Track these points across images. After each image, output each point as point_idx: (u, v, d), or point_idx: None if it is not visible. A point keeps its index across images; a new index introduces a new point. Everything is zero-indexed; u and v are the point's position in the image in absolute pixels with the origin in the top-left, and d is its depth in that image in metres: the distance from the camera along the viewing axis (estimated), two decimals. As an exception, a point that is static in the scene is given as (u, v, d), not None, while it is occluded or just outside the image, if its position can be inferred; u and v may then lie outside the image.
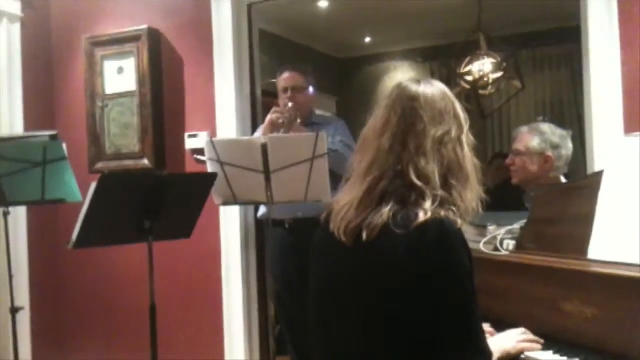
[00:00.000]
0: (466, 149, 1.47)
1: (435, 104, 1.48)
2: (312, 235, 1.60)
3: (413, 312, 1.34)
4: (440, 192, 1.38)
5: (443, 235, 1.34)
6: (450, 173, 1.42)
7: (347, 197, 1.47)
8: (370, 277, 1.39)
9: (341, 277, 1.46)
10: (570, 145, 2.85)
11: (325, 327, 1.52)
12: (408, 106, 1.48)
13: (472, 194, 1.44)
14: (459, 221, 1.38)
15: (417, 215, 1.34)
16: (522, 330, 1.70)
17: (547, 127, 2.87)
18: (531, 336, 1.68)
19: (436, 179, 1.39)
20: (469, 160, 1.46)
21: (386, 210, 1.39)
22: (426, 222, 1.34)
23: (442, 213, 1.35)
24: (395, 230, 1.35)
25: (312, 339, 1.56)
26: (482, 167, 1.52)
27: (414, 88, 1.51)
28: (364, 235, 1.39)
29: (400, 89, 1.52)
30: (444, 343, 1.34)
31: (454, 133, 1.45)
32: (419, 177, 1.39)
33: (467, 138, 1.48)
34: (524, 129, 2.91)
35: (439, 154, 1.42)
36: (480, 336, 1.38)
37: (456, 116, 1.49)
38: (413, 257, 1.33)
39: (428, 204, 1.36)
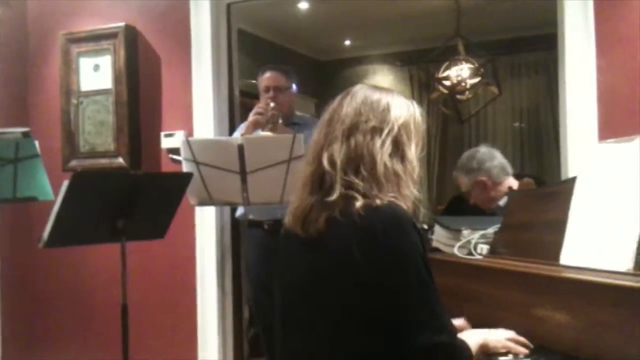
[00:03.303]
0: (387, 144, 1.43)
1: (363, 98, 1.48)
2: None
3: (371, 300, 1.33)
4: (347, 178, 1.40)
5: (391, 219, 1.35)
6: (362, 163, 1.41)
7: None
8: (325, 271, 1.40)
9: (300, 274, 1.47)
10: (493, 152, 3.02)
11: (288, 325, 1.51)
12: (338, 101, 1.52)
13: (392, 190, 1.40)
14: (404, 205, 1.39)
15: (355, 204, 1.36)
16: (512, 332, 1.65)
17: (464, 160, 3.06)
18: (521, 339, 1.62)
19: (338, 163, 1.41)
20: (388, 157, 1.42)
21: (316, 199, 1.42)
22: (370, 208, 1.35)
23: (378, 200, 1.36)
24: (341, 219, 1.36)
25: (276, 338, 1.55)
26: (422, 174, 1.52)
27: (357, 86, 1.54)
28: (310, 228, 1.42)
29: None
30: (407, 326, 1.34)
31: (371, 124, 1.44)
32: (328, 162, 1.43)
33: (398, 136, 1.44)
34: (454, 175, 3.13)
35: (349, 140, 1.43)
36: (442, 314, 1.37)
37: (385, 112, 1.46)
38: (363, 245, 1.33)
39: (337, 190, 1.38)
